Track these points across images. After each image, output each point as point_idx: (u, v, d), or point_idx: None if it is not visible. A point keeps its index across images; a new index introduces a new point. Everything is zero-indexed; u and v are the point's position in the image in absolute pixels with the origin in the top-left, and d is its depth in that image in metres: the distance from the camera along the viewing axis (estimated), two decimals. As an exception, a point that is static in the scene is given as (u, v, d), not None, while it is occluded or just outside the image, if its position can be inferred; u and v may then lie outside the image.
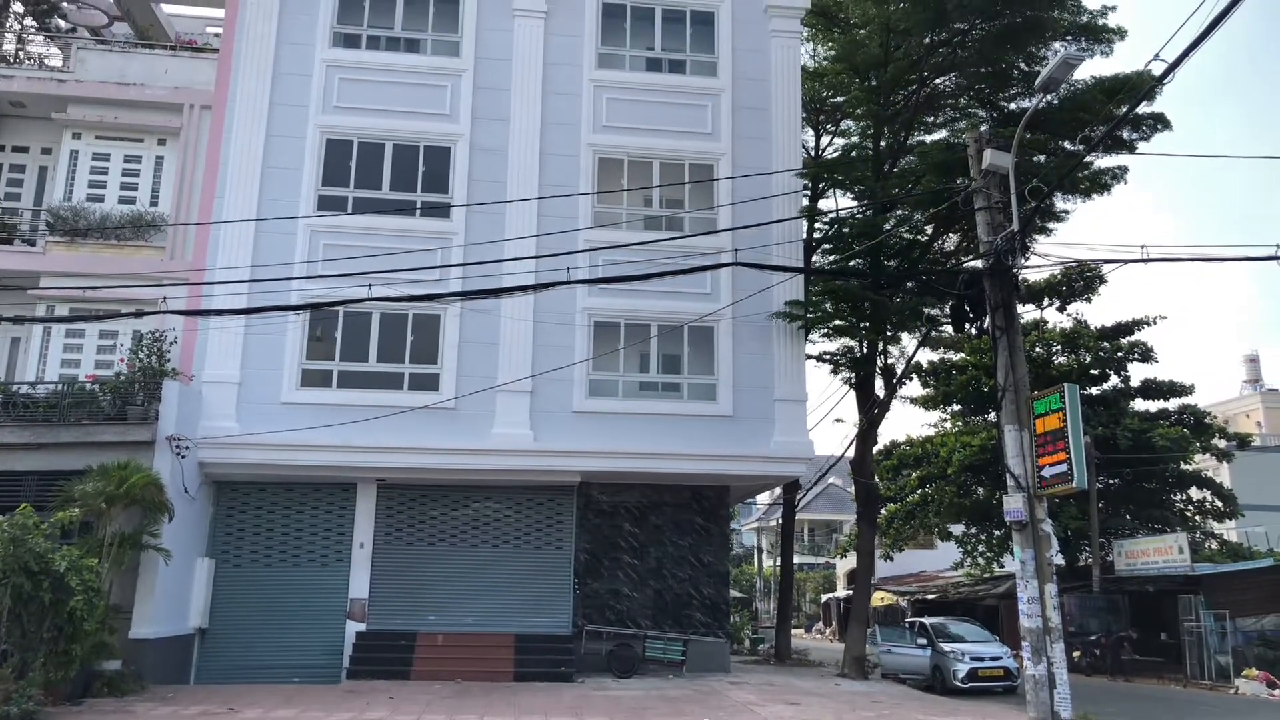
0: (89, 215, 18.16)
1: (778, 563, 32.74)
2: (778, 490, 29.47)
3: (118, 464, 14.90)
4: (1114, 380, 28.78)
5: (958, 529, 29.94)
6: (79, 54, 19.28)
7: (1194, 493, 28.84)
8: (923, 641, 21.91)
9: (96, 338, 18.03)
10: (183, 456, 16.26)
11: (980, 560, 29.27)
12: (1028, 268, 22.61)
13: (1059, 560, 25.53)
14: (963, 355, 29.42)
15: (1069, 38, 20.63)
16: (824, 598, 52.14)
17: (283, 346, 17.85)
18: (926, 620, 23.59)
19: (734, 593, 36.72)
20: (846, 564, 45.96)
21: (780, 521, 27.97)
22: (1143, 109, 19.73)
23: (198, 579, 17.06)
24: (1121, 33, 20.48)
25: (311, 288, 17.40)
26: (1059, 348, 28.69)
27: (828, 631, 48.62)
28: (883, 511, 29.24)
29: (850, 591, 29.97)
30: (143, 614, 15.28)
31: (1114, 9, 20.54)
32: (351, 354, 18.20)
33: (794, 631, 35.79)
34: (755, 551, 59.24)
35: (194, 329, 17.34)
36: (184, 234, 18.25)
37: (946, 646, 21.05)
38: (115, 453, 15.50)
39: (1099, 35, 20.54)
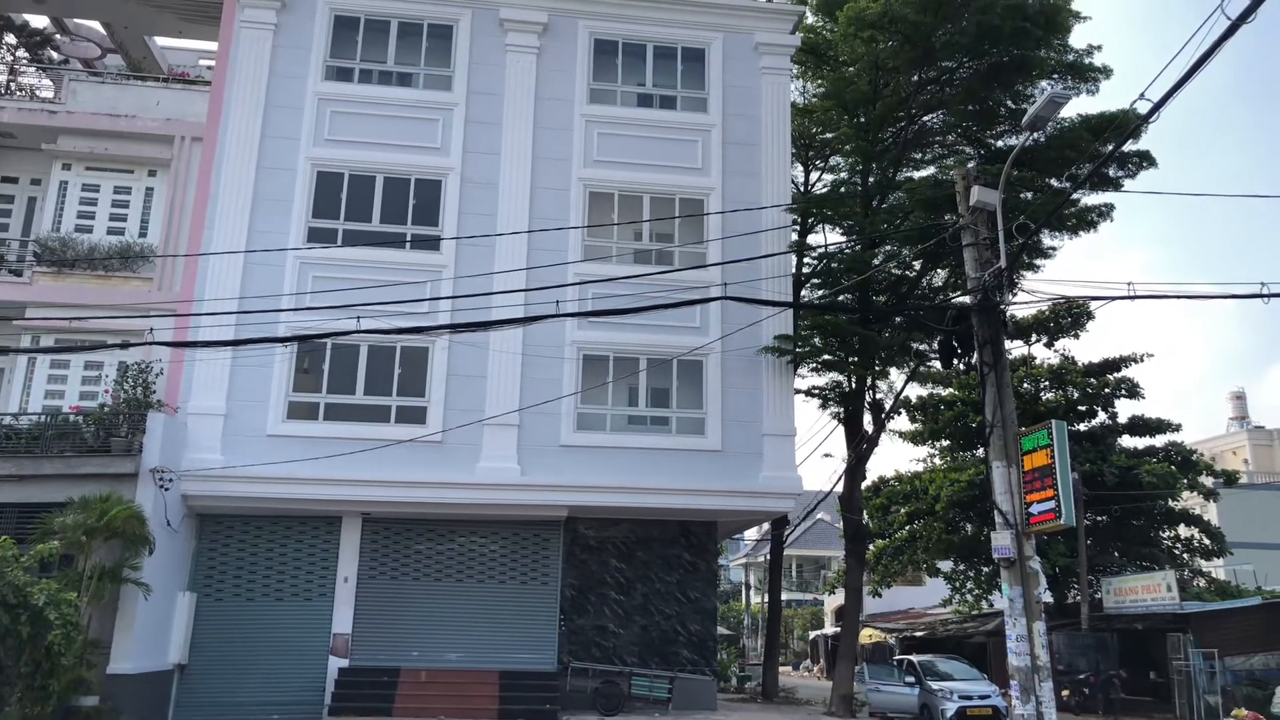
0: (77, 246, 18.11)
1: (765, 599, 32.53)
2: (766, 526, 29.38)
3: (99, 496, 14.75)
4: (1101, 417, 28.80)
5: (946, 565, 29.80)
6: (71, 86, 19.33)
7: (1182, 530, 28.78)
8: (911, 679, 21.74)
9: (81, 369, 17.91)
10: (166, 489, 16.11)
11: (969, 597, 29.12)
12: (1015, 304, 22.61)
13: (1047, 598, 25.44)
14: (951, 390, 29.44)
15: (1055, 76, 20.88)
16: (812, 634, 51.78)
17: (269, 378, 17.76)
18: (915, 658, 23.43)
19: (721, 629, 36.47)
20: (835, 600, 45.74)
21: (768, 557, 27.82)
22: (1128, 147, 19.93)
23: (178, 613, 16.84)
24: (1107, 72, 20.75)
25: (300, 319, 17.33)
26: (1047, 384, 28.73)
27: (815, 669, 48.23)
28: (871, 547, 29.13)
29: (838, 628, 29.77)
30: (121, 649, 15.04)
31: (1099, 49, 20.85)
32: (339, 386, 18.11)
33: (781, 669, 35.49)
34: (743, 587, 58.94)
35: (180, 360, 17.24)
36: (172, 265, 18.21)
37: (935, 685, 20.88)
38: (98, 485, 15.34)
39: (1085, 74, 20.81)
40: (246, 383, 17.67)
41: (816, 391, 24.34)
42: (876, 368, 21.85)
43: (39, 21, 22.33)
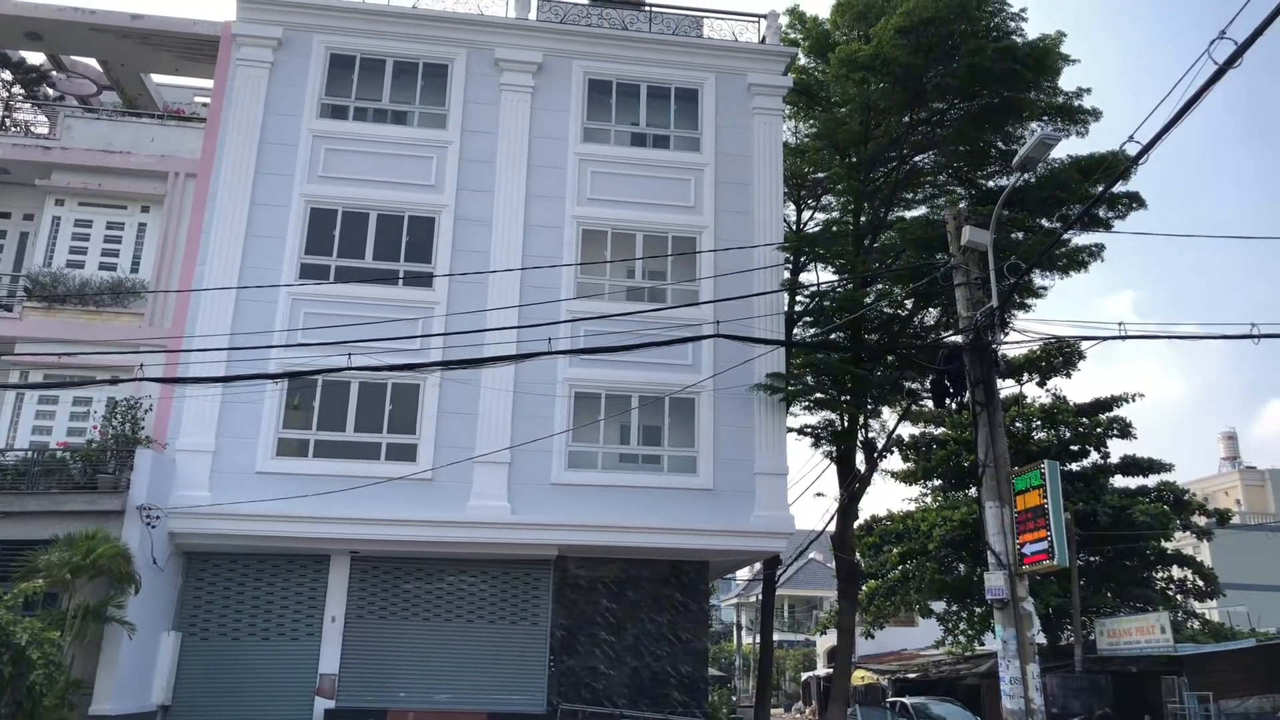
0: (69, 281, 18.08)
1: (757, 640, 32.24)
2: (758, 565, 29.18)
3: (85, 534, 14.56)
4: (1094, 456, 28.82)
5: (939, 606, 29.64)
6: (66, 121, 19.39)
7: (1175, 571, 28.71)
8: (905, 722, 21.54)
9: (70, 404, 17.80)
10: (153, 526, 15.94)
11: (962, 638, 28.94)
12: (1007, 343, 22.71)
13: (1041, 639, 25.20)
14: (943, 430, 29.43)
15: (1045, 118, 21.06)
16: (804, 676, 51.30)
17: (259, 415, 17.66)
18: (908, 700, 23.26)
19: (712, 670, 36.09)
20: (827, 641, 45.36)
21: (760, 597, 27.59)
22: (1118, 188, 20.09)
23: (162, 653, 16.60)
24: (1096, 114, 20.95)
25: (291, 356, 17.30)
26: (1039, 423, 28.75)
27: (808, 711, 47.69)
28: (864, 588, 28.96)
29: (831, 670, 29.50)
30: (104, 689, 14.79)
31: (1089, 91, 21.03)
32: (329, 423, 18.02)
33: (773, 711, 35.13)
34: (734, 628, 58.47)
35: (170, 396, 17.16)
36: (164, 301, 18.17)
37: (929, 727, 20.69)
38: (84, 522, 15.17)
39: (1075, 116, 20.99)
40: (236, 419, 17.57)
41: (809, 430, 24.29)
42: (869, 406, 21.82)
43: (36, 58, 22.45)
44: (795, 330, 23.43)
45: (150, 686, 16.28)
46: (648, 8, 21.73)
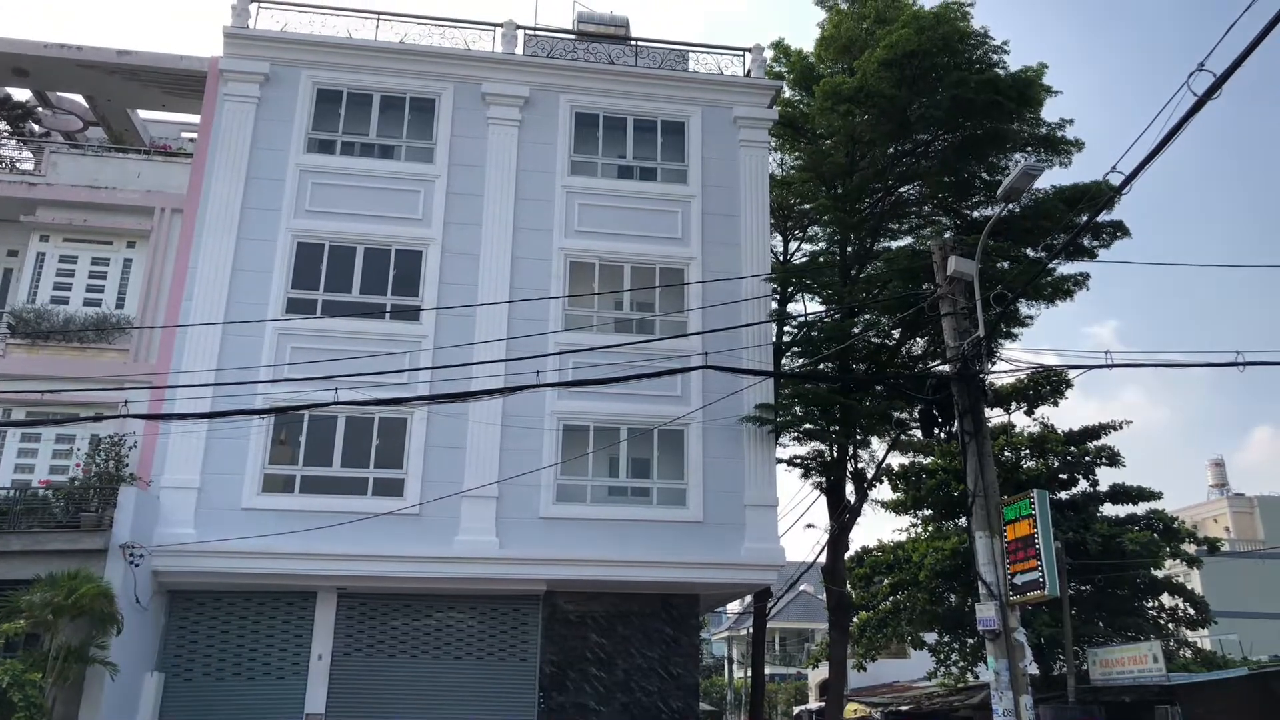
0: (52, 317, 17.97)
1: (748, 673, 32.00)
2: (748, 598, 29.01)
3: (68, 573, 14.40)
4: (1083, 485, 28.77)
5: (931, 637, 29.45)
6: (52, 158, 19.36)
7: (1166, 600, 28.62)
8: (898, 755, 21.34)
9: (53, 442, 17.62)
10: (136, 565, 15.74)
11: (954, 670, 28.73)
12: (994, 373, 22.86)
13: (1033, 669, 25.10)
14: (933, 459, 29.38)
15: (1029, 149, 21.29)
16: (796, 710, 50.84)
17: (245, 450, 17.52)
18: (902, 733, 23.02)
19: (704, 705, 35.79)
20: (819, 674, 45.00)
21: (751, 630, 27.43)
22: (1102, 217, 20.26)
23: (145, 694, 16.31)
24: (1079, 145, 21.17)
25: (277, 391, 17.20)
26: (1027, 452, 28.69)
27: (801, 744, 47.32)
28: (855, 619, 28.77)
29: (823, 703, 29.26)
30: (86, 732, 14.55)
31: (1071, 122, 21.30)
32: (315, 458, 17.89)
33: (767, 745, 34.74)
34: (726, 662, 58.05)
35: (154, 433, 17.02)
36: (149, 336, 18.06)
37: (923, 761, 20.49)
38: (66, 561, 14.99)
39: (1058, 147, 21.22)
40: (222, 455, 17.42)
41: (798, 461, 24.24)
42: (858, 436, 21.80)
43: (22, 94, 22.44)
44: (784, 361, 23.46)
45: (133, 728, 15.98)
46: (634, 42, 21.92)
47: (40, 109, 22.62)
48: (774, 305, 22.02)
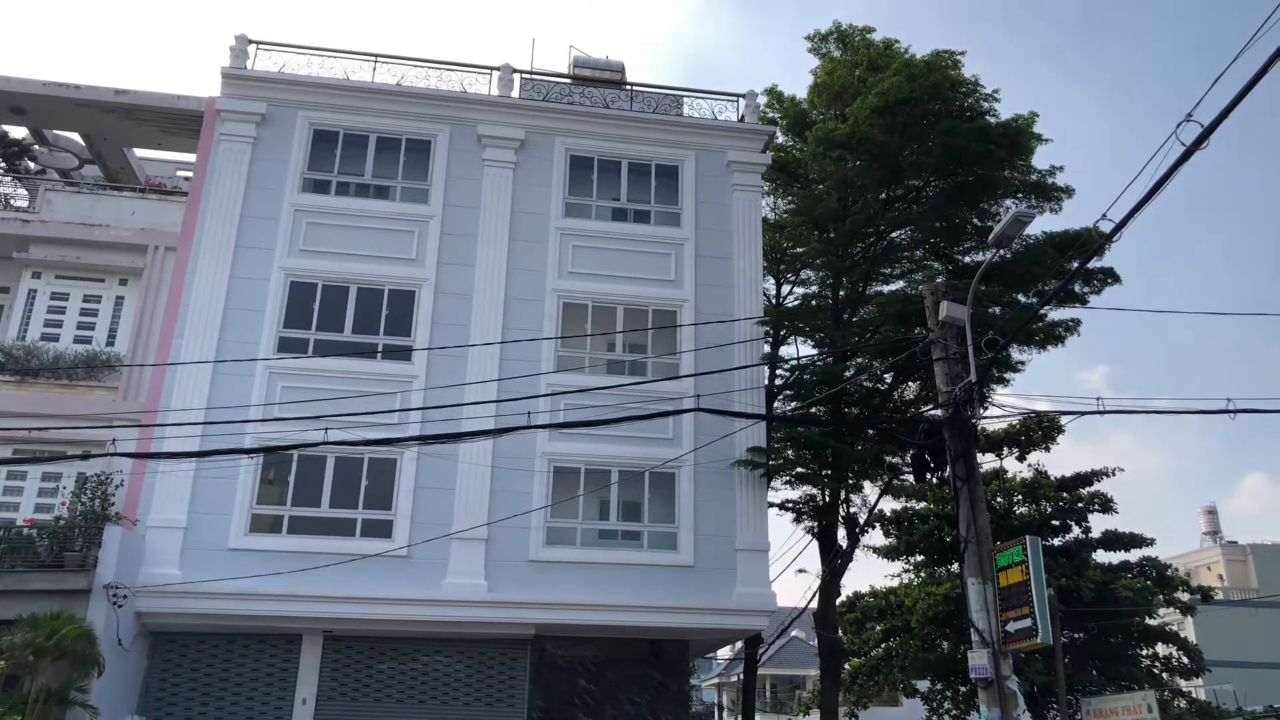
0: (42, 355, 17.88)
1: None
2: (739, 644, 28.72)
3: (50, 614, 14.19)
4: (1075, 531, 28.72)
5: (923, 685, 29.20)
6: (46, 195, 19.37)
7: (1160, 649, 28.46)
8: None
9: (39, 480, 17.45)
10: (119, 606, 15.52)
11: (947, 718, 28.46)
12: (986, 418, 22.80)
13: (1026, 718, 24.84)
14: (925, 504, 29.30)
15: (1020, 195, 21.47)
16: (788, 756, 50.22)
17: (234, 490, 17.37)
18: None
19: (695, 751, 35.29)
20: (811, 721, 44.52)
21: (741, 677, 27.11)
22: (1093, 264, 20.36)
23: (126, 739, 16.03)
24: (1069, 191, 21.36)
25: (267, 430, 17.10)
26: (1020, 498, 28.68)
27: (792, 793, 46.63)
28: (846, 666, 28.50)
29: (815, 751, 28.87)
30: (64, 777, 14.26)
31: (1061, 169, 21.52)
32: (304, 499, 17.75)
33: (757, 794, 34.24)
34: (716, 709, 57.31)
35: (142, 472, 16.88)
36: (139, 374, 17.97)
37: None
38: (49, 601, 14.78)
39: (1048, 193, 21.41)
40: (209, 495, 17.27)
41: (790, 505, 24.13)
42: (850, 481, 21.74)
43: (18, 132, 22.52)
44: (776, 404, 23.43)
45: (112, 773, 15.67)
46: (629, 87, 22.14)
47: (36, 146, 22.70)
48: (766, 348, 22.05)
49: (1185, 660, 27.91)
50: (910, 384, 23.23)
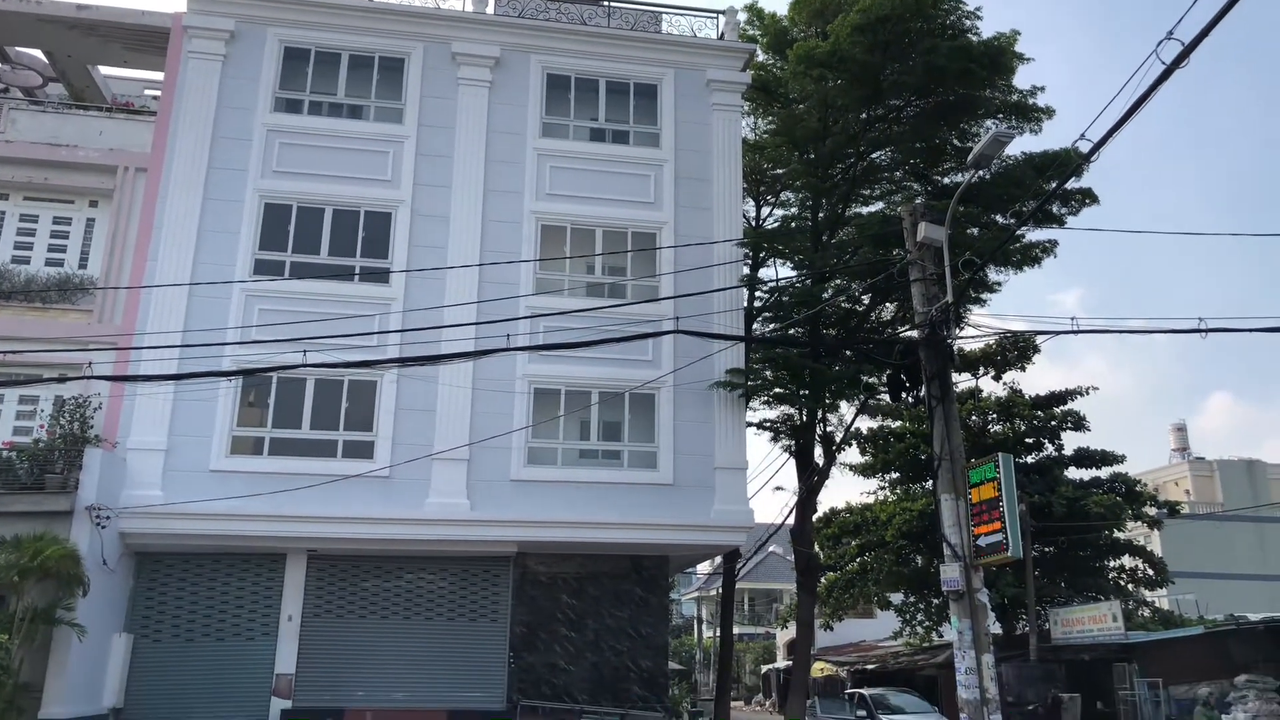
0: (13, 277, 17.68)
1: (717, 633, 32.37)
2: (718, 559, 29.28)
3: (33, 535, 14.31)
4: (1048, 449, 29.21)
5: (897, 598, 29.94)
6: (11, 114, 18.91)
7: (1126, 561, 29.21)
8: (862, 713, 21.81)
9: (16, 404, 17.41)
10: (103, 527, 15.64)
11: (919, 630, 29.26)
12: (962, 338, 23.04)
13: (996, 629, 25.59)
14: (901, 423, 29.69)
15: (1000, 116, 21.35)
16: (764, 669, 51.63)
17: (213, 412, 17.37)
18: (866, 691, 23.48)
19: (673, 664, 36.19)
20: (787, 634, 45.69)
21: (720, 591, 27.72)
22: (1071, 184, 20.38)
23: (114, 656, 16.29)
24: (1050, 112, 21.25)
25: (245, 353, 17.06)
26: (994, 416, 29.09)
27: (768, 703, 48.08)
28: (822, 580, 29.15)
29: (790, 662, 29.69)
30: (54, 693, 14.51)
31: (1042, 89, 21.41)
32: (284, 420, 17.79)
33: (734, 704, 35.30)
34: (695, 622, 58.65)
35: (120, 395, 16.84)
36: (113, 297, 17.80)
37: (886, 718, 20.89)
38: (31, 523, 14.87)
39: (1029, 114, 21.30)
40: (189, 417, 17.27)
41: (768, 424, 24.43)
42: (827, 401, 21.96)
43: (-22, 49, 21.89)
44: (755, 325, 23.53)
45: (101, 689, 15.97)
46: (606, 3, 21.65)
47: (-1, 63, 22.09)
48: (745, 270, 22.05)
49: (1150, 572, 28.69)
50: (888, 305, 23.36)
